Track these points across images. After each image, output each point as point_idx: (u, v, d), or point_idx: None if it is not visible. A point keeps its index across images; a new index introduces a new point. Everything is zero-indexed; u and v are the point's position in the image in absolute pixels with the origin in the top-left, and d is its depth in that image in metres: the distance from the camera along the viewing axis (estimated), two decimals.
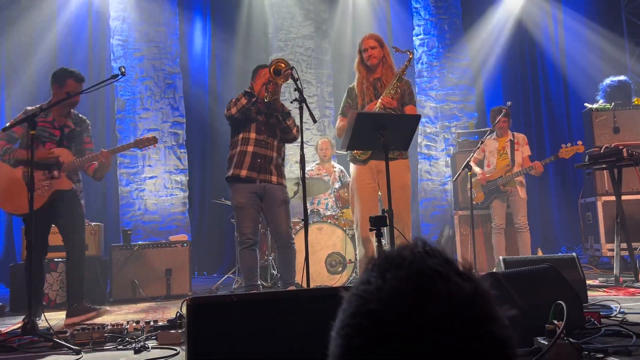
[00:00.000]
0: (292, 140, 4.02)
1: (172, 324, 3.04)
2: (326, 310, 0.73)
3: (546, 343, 2.17)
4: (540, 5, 8.05)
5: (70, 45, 7.15)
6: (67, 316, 3.82)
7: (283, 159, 4.08)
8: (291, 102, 3.61)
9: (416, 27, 8.11)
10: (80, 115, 4.10)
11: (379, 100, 3.75)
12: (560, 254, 5.53)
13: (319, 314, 1.42)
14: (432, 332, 0.52)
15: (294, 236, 4.06)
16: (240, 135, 3.92)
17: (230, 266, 6.96)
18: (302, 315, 1.77)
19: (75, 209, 3.92)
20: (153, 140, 4.05)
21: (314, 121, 3.52)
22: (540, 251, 5.82)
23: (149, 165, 7.11)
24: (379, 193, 3.94)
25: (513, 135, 5.55)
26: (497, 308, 0.57)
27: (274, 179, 3.92)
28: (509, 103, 5.26)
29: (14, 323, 3.70)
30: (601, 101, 6.14)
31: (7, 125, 3.60)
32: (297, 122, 3.69)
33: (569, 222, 7.55)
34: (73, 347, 2.81)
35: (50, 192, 3.76)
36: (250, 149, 3.87)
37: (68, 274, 3.95)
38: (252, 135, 3.90)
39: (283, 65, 3.60)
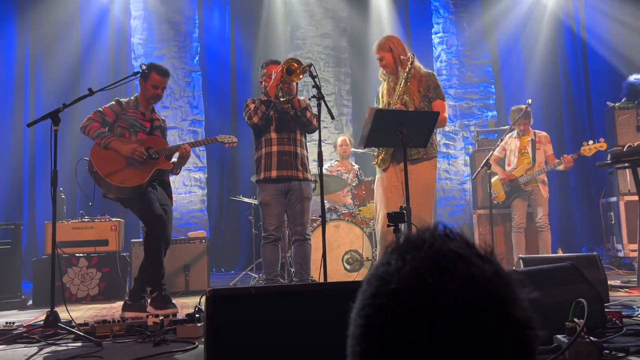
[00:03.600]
0: (313, 131, 3.99)
1: (191, 318, 3.07)
2: (345, 303, 0.73)
3: (566, 341, 2.15)
4: (562, 1, 7.93)
5: (92, 44, 7.25)
6: (126, 310, 3.78)
7: (307, 151, 4.13)
8: (309, 99, 3.61)
9: (435, 25, 8.07)
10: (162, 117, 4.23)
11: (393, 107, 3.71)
12: (581, 253, 5.45)
13: (338, 308, 1.42)
14: (453, 312, 0.52)
15: (310, 233, 4.08)
16: (263, 138, 4.00)
17: (248, 263, 7.00)
18: (321, 308, 1.77)
19: (168, 200, 3.98)
20: (235, 140, 4.13)
21: (332, 118, 3.53)
22: (560, 251, 5.75)
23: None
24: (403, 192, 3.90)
25: (534, 133, 5.48)
26: (518, 290, 0.56)
27: (301, 174, 3.99)
28: (529, 101, 5.19)
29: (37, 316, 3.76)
30: (624, 99, 6.04)
31: (101, 109, 3.79)
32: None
33: (590, 222, 7.44)
34: (94, 339, 2.86)
35: (153, 169, 3.78)
36: (274, 149, 3.94)
37: (161, 259, 3.85)
38: (273, 135, 3.95)
39: (295, 64, 3.62)
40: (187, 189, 7.26)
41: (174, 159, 4.01)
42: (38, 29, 7.03)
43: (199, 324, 2.96)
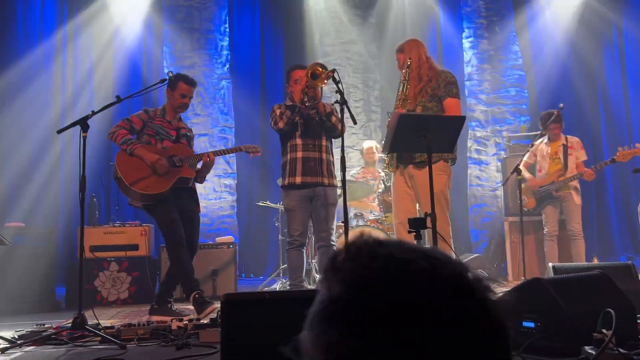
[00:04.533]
0: (339, 135, 3.87)
1: (214, 322, 3.09)
2: None
3: (593, 352, 2.07)
4: (597, 2, 7.71)
5: (127, 54, 7.42)
6: (152, 314, 3.91)
7: (333, 156, 4.12)
8: (332, 104, 3.62)
9: (466, 30, 7.96)
10: (189, 126, 4.37)
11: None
12: (615, 262, 5.26)
13: None
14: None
15: (335, 239, 4.06)
16: (288, 143, 4.02)
17: (277, 269, 7.02)
18: None
19: (194, 207, 4.10)
20: (259, 149, 4.20)
21: (354, 122, 3.53)
22: (595, 259, 5.56)
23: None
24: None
25: (566, 139, 5.33)
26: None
27: (326, 180, 3.97)
28: (561, 105, 5.05)
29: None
30: None
31: (129, 117, 3.97)
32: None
33: (628, 230, 7.17)
34: (119, 342, 2.91)
35: (175, 177, 3.90)
36: (299, 154, 3.95)
37: (184, 265, 3.93)
38: (299, 141, 3.97)
39: (320, 69, 3.63)
40: (217, 195, 7.34)
41: (199, 165, 4.07)
42: (76, 40, 7.26)
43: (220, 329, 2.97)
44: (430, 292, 0.52)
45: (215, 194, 7.34)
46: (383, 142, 3.98)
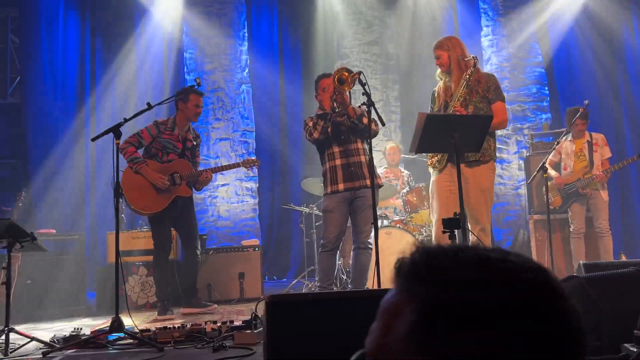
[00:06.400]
0: (374, 135, 3.92)
1: (248, 324, 3.13)
2: None
3: (635, 350, 2.06)
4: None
5: (147, 61, 7.53)
6: (185, 306, 4.53)
7: (372, 158, 4.10)
8: (359, 107, 3.64)
9: (484, 28, 7.93)
10: (197, 132, 4.77)
11: (450, 110, 3.66)
12: None
13: None
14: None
15: (372, 241, 4.07)
16: (326, 152, 4.07)
17: (300, 271, 7.06)
18: (376, 314, 1.78)
19: (192, 216, 4.60)
20: (257, 162, 4.62)
21: (382, 124, 3.54)
22: (623, 256, 5.50)
23: (222, 174, 7.35)
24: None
25: (591, 135, 5.29)
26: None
27: (368, 182, 3.96)
28: (586, 102, 5.00)
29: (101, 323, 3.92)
30: None
31: (140, 132, 4.40)
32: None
33: None
34: (156, 344, 2.96)
35: (172, 196, 4.36)
36: (337, 162, 4.00)
37: (185, 272, 4.61)
38: (335, 149, 4.01)
39: (346, 73, 3.65)
40: (239, 198, 7.40)
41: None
42: (99, 50, 7.39)
43: (255, 331, 3.01)
44: (530, 290, 0.54)
45: (237, 197, 7.40)
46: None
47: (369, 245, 3.99)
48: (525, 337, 0.52)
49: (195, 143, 4.62)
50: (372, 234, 3.49)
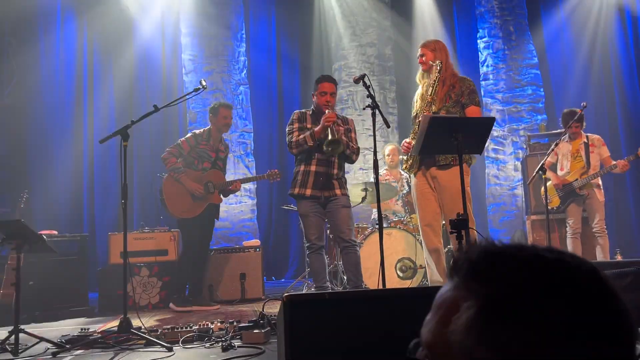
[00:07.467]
0: (352, 163, 4.33)
1: (255, 324, 3.17)
2: (415, 309, 0.79)
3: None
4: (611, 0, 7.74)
5: (145, 62, 7.54)
6: (193, 304, 4.75)
7: (344, 173, 4.27)
8: (363, 109, 3.68)
9: (480, 30, 8.01)
10: (226, 143, 5.19)
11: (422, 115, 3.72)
12: None
13: (408, 313, 1.47)
14: None
15: (356, 239, 4.13)
16: (306, 153, 4.08)
17: (298, 271, 7.10)
18: (393, 313, 1.82)
19: (214, 220, 5.02)
20: (279, 175, 5.04)
21: (388, 126, 3.59)
22: (619, 255, 5.59)
23: None
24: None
25: (587, 137, 5.38)
26: None
27: (337, 192, 4.08)
28: (583, 104, 5.08)
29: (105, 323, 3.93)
30: None
31: (180, 142, 4.87)
32: (369, 126, 3.76)
33: None
34: (165, 344, 2.99)
35: (206, 203, 4.80)
36: (313, 168, 4.05)
37: (195, 271, 4.86)
38: (316, 155, 4.05)
39: (337, 136, 3.87)
40: (238, 199, 7.42)
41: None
42: (97, 51, 7.39)
43: (263, 330, 3.05)
44: (587, 288, 0.59)
45: (235, 198, 7.42)
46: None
47: (354, 243, 4.04)
48: (583, 331, 0.56)
49: (225, 153, 5.08)
50: (377, 232, 3.53)
